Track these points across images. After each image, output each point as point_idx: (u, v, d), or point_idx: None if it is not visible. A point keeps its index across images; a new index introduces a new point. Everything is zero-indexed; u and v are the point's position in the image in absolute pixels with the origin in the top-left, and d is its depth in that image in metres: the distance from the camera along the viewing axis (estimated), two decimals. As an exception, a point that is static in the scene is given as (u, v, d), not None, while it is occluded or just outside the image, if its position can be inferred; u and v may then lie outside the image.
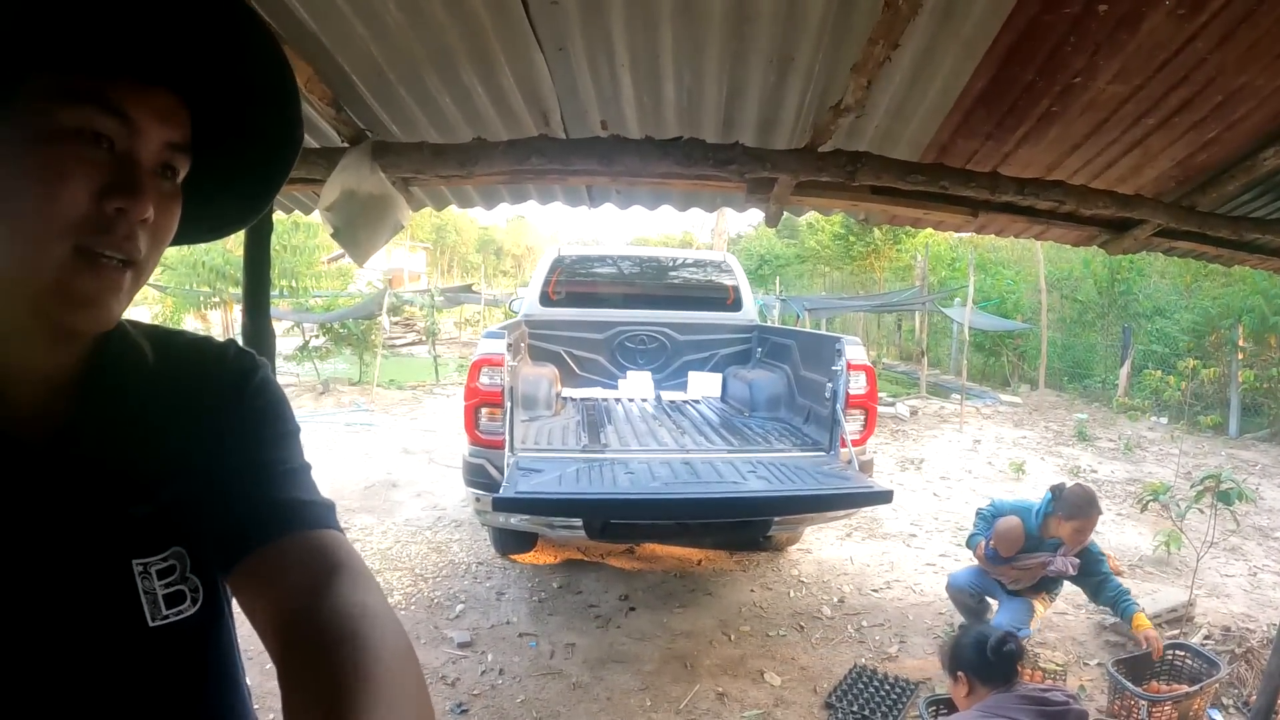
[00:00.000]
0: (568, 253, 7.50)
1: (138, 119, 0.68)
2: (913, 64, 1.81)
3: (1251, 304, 12.41)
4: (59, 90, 0.65)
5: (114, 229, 0.66)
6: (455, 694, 3.71)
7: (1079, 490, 4.01)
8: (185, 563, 0.75)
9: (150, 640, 0.71)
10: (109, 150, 0.67)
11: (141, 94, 0.68)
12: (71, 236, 0.65)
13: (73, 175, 0.65)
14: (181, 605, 0.73)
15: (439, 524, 6.39)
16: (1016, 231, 2.98)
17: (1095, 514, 3.94)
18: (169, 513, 0.75)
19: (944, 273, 20.10)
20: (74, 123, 0.65)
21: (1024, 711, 2.39)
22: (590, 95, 2.09)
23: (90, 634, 0.69)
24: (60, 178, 0.64)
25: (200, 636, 0.75)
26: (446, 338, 23.32)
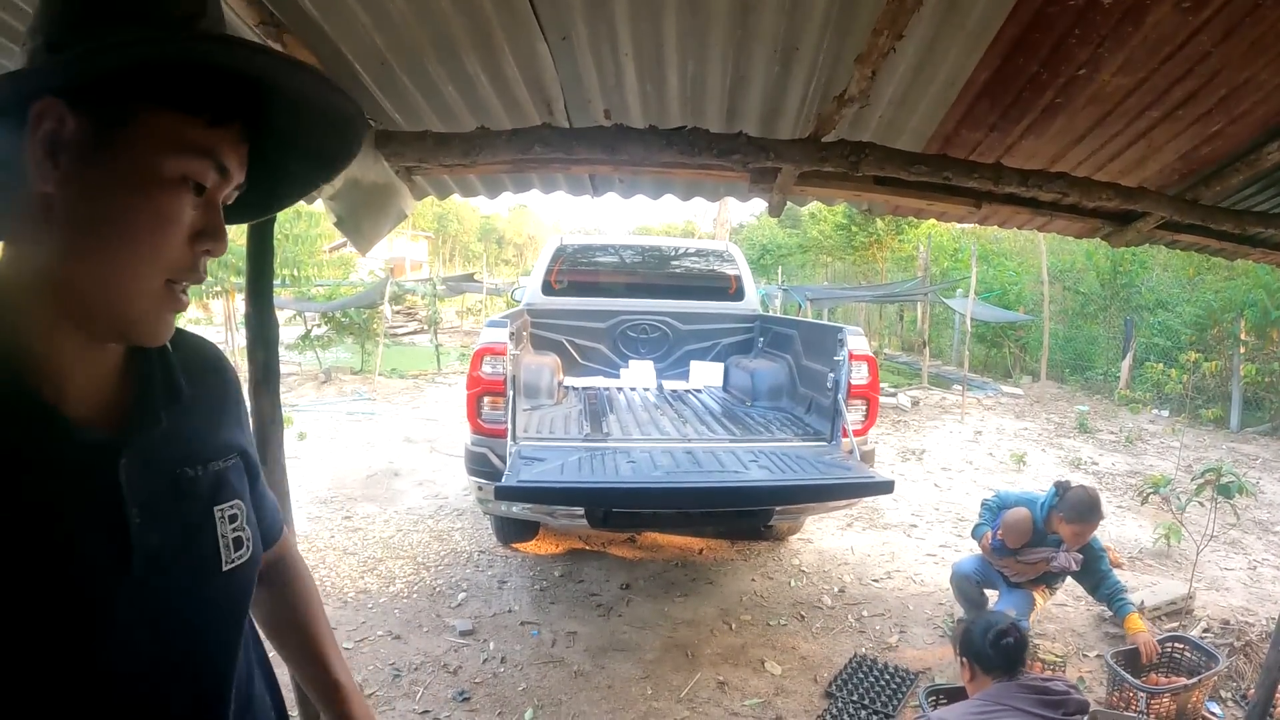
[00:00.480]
0: (570, 242, 7.50)
1: (231, 170, 0.77)
2: (917, 55, 1.80)
3: (1254, 298, 12.39)
4: (175, 139, 0.71)
5: (199, 268, 0.76)
6: (457, 682, 3.73)
7: (1083, 494, 4.00)
8: (243, 513, 0.90)
9: (223, 581, 0.85)
10: (202, 194, 0.75)
11: (237, 149, 0.77)
12: (166, 274, 0.74)
13: (178, 222, 0.73)
14: (242, 551, 0.88)
15: (441, 512, 6.42)
16: (1020, 223, 2.97)
17: (1097, 519, 3.94)
18: (230, 472, 0.91)
19: (946, 263, 20.08)
20: (183, 171, 0.72)
21: (1025, 700, 2.41)
22: (594, 84, 2.08)
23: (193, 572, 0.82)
24: (169, 224, 0.72)
25: (250, 578, 0.91)
26: (448, 326, 23.35)
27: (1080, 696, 2.48)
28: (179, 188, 0.72)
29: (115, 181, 0.70)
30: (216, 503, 0.86)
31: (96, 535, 0.73)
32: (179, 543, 0.81)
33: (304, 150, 0.88)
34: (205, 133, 0.73)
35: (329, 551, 5.43)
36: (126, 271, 0.72)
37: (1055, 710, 2.39)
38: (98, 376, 0.78)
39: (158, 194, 0.71)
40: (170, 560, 0.79)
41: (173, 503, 0.81)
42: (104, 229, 0.70)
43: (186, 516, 0.83)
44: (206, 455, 0.88)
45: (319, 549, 5.46)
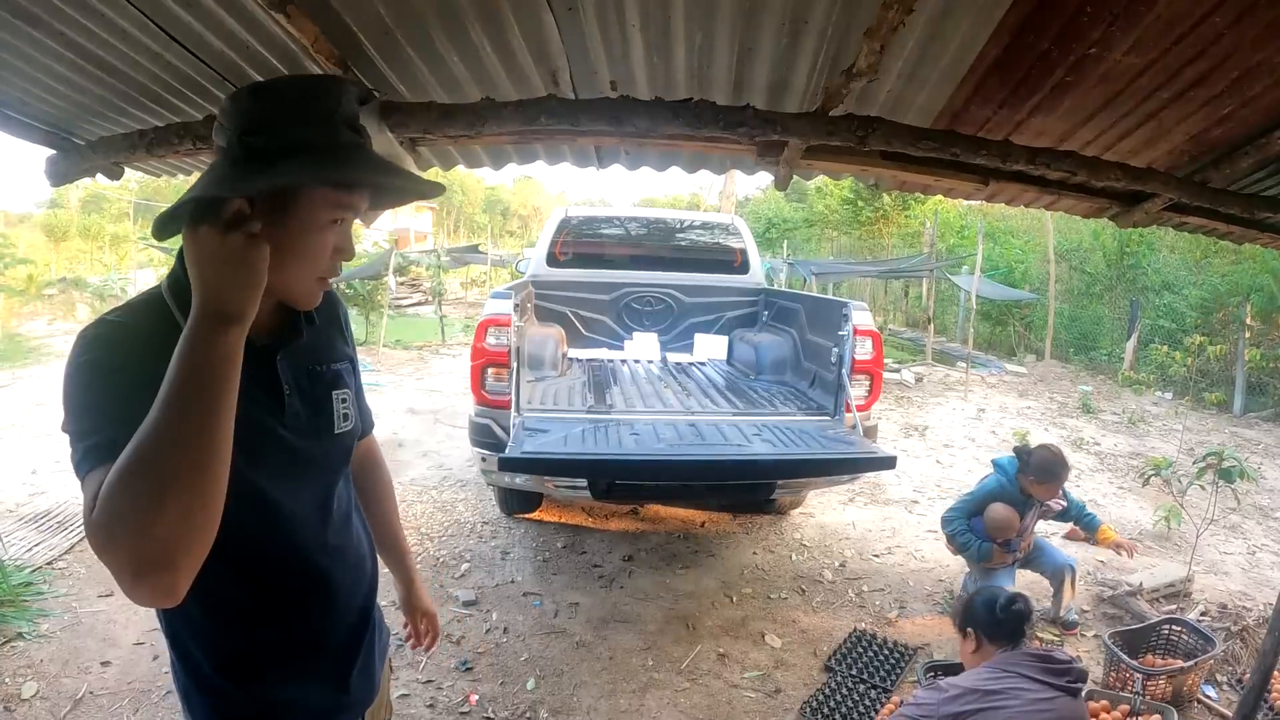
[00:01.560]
0: (575, 213, 7.47)
1: (359, 209, 1.24)
2: (926, 29, 1.79)
3: (1260, 283, 12.35)
4: (330, 202, 1.17)
5: (336, 269, 1.25)
6: (460, 651, 3.78)
7: (1046, 454, 4.14)
8: (350, 399, 1.43)
9: (334, 439, 1.38)
10: (341, 225, 1.21)
11: (363, 196, 1.23)
12: (317, 275, 1.23)
13: (328, 247, 1.21)
14: (348, 423, 1.42)
15: (445, 483, 6.45)
16: (1027, 201, 2.95)
17: (1064, 473, 4.15)
18: (343, 371, 1.44)
19: (952, 240, 20.00)
20: (334, 216, 1.18)
21: (1030, 667, 2.47)
22: (600, 55, 2.07)
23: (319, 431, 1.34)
24: (321, 251, 1.20)
25: (350, 443, 1.45)
26: (452, 298, 23.34)
27: (1081, 667, 2.55)
28: (328, 228, 1.18)
29: (287, 231, 1.14)
30: (335, 389, 1.39)
31: (270, 396, 1.26)
32: (311, 410, 1.33)
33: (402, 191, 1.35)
34: (343, 196, 1.18)
35: (333, 520, 5.46)
36: (298, 277, 1.20)
37: (1060, 678, 2.45)
38: (266, 313, 1.23)
39: (315, 234, 1.17)
40: (306, 420, 1.31)
41: (309, 385, 1.33)
42: (282, 256, 1.12)
43: (316, 394, 1.35)
44: (329, 358, 1.41)
45: (323, 517, 5.49)
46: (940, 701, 2.45)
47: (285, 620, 1.31)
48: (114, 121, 2.47)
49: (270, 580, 1.28)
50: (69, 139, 2.66)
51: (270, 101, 1.13)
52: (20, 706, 3.23)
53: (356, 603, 1.44)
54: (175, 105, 2.31)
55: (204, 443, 0.94)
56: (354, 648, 1.44)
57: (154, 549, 0.90)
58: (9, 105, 2.38)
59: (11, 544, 4.74)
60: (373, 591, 1.52)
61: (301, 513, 1.30)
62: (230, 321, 0.99)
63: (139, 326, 1.12)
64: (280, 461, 1.26)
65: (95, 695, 3.34)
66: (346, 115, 1.19)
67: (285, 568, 1.29)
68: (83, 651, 3.65)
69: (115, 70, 2.07)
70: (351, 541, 1.44)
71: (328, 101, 1.16)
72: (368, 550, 1.51)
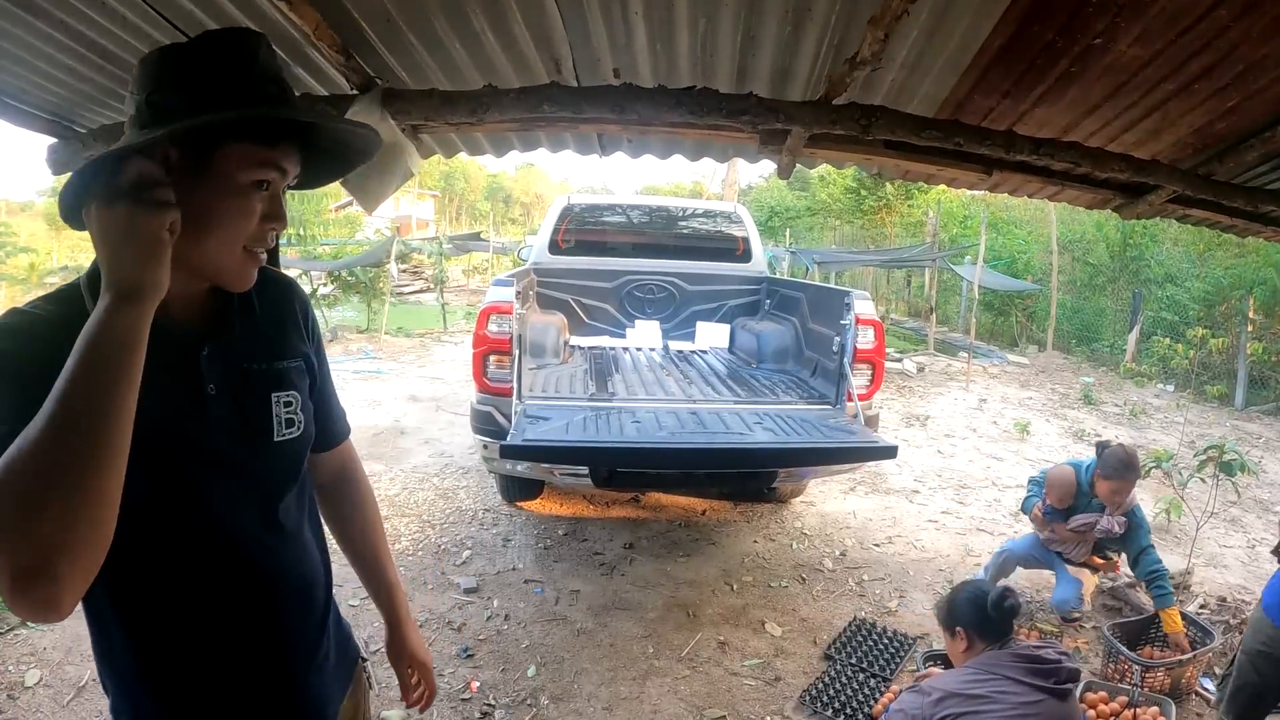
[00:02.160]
0: (577, 201, 7.45)
1: (288, 170, 1.11)
2: (931, 18, 1.78)
3: (1263, 276, 12.31)
4: (250, 159, 1.05)
5: (268, 239, 1.12)
6: (461, 638, 3.79)
7: (1118, 451, 4.06)
8: (297, 402, 1.24)
9: (275, 448, 1.20)
10: (268, 188, 1.08)
11: (290, 155, 1.10)
12: (244, 244, 1.09)
13: (253, 212, 1.07)
14: (293, 429, 1.23)
15: (446, 471, 6.46)
16: (1030, 191, 2.95)
17: (1131, 477, 3.96)
18: (291, 370, 1.25)
19: (955, 230, 19.94)
20: (257, 178, 1.06)
21: (1016, 669, 2.39)
22: (603, 42, 2.06)
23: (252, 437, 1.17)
24: (245, 215, 1.07)
25: (300, 451, 1.26)
26: (455, 285, 23.31)
27: (1071, 665, 2.45)
28: (252, 190, 1.06)
29: (205, 194, 1.03)
30: (275, 390, 1.21)
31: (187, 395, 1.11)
32: (240, 412, 1.16)
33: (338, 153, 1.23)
34: (268, 152, 1.06)
35: (334, 507, 5.47)
36: (219, 248, 1.07)
37: (1047, 679, 2.37)
38: (191, 298, 1.13)
39: (237, 196, 1.05)
40: (233, 422, 1.15)
41: (240, 385, 1.16)
42: (202, 225, 1.03)
43: (248, 395, 1.17)
44: (272, 355, 1.23)
45: (325, 504, 5.50)
46: (924, 706, 2.38)
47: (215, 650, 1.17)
48: (115, 109, 2.47)
49: (199, 603, 1.14)
50: (70, 127, 2.66)
51: (181, 59, 1.04)
52: (24, 694, 3.24)
53: (305, 636, 1.29)
54: (177, 92, 2.30)
55: (91, 435, 0.85)
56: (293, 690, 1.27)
57: (33, 555, 0.81)
58: (10, 94, 2.37)
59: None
60: (323, 625, 1.33)
61: (236, 529, 1.16)
62: (128, 299, 0.90)
63: (50, 317, 1.02)
64: (203, 470, 1.12)
65: (98, 682, 3.35)
66: (266, 68, 1.09)
67: (214, 588, 1.15)
68: (85, 639, 3.63)
69: (116, 58, 2.06)
70: (300, 564, 1.27)
71: (243, 52, 1.07)
72: (322, 577, 1.34)
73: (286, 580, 1.24)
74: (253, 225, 1.08)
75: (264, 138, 1.05)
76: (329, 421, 1.42)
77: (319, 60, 2.11)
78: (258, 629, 1.20)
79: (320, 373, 1.37)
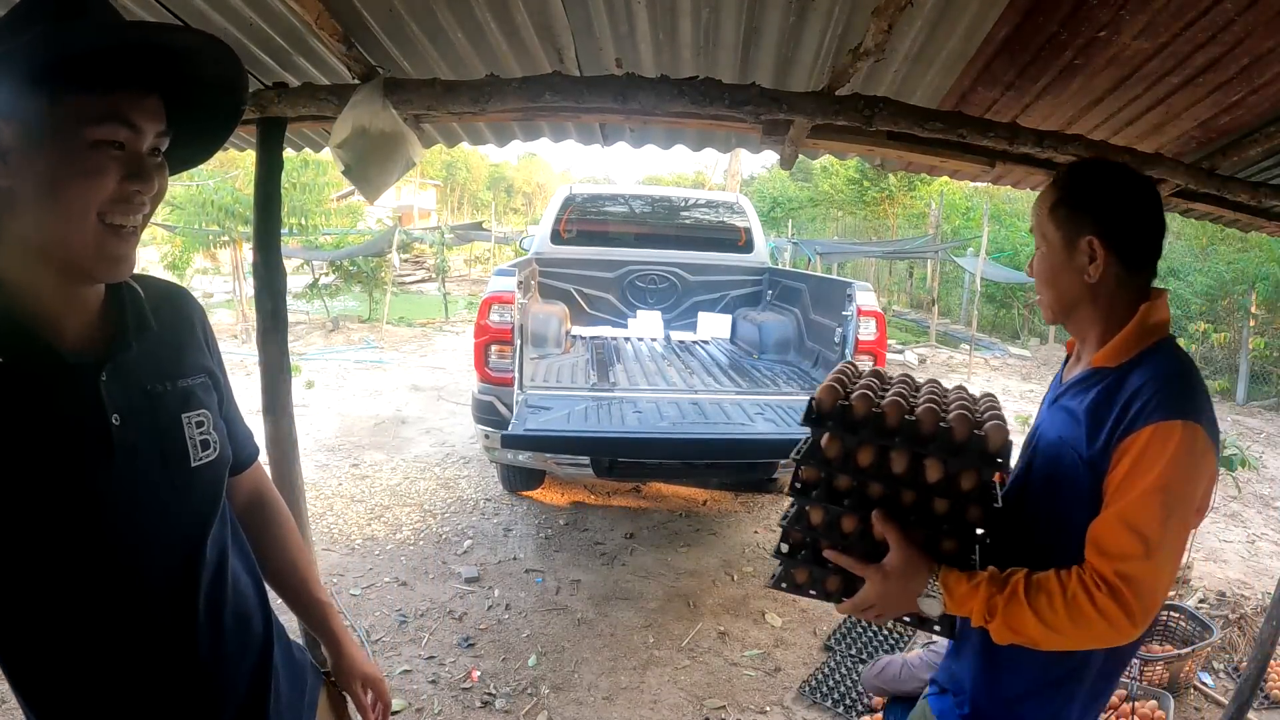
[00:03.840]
0: (579, 191, 7.45)
1: (141, 125, 0.95)
2: (935, 9, 1.77)
3: (1266, 271, 12.26)
4: (90, 113, 0.90)
5: (131, 203, 0.96)
6: (462, 628, 3.80)
7: None
8: (209, 421, 1.12)
9: (193, 473, 1.08)
10: (122, 149, 0.94)
11: (140, 105, 0.95)
12: (97, 211, 0.93)
13: (103, 175, 0.92)
14: (209, 451, 1.11)
15: (448, 460, 6.47)
16: (1034, 184, 2.94)
17: None
18: (198, 388, 1.13)
19: (958, 221, 19.89)
20: (103, 136, 0.91)
21: None
22: (605, 32, 2.05)
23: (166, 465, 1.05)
24: (94, 177, 0.91)
25: (219, 475, 1.14)
26: (456, 275, 23.30)
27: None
28: (99, 149, 0.92)
29: (49, 160, 0.90)
30: (184, 411, 1.09)
31: (87, 432, 0.97)
32: (151, 440, 1.03)
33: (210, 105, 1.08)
34: (102, 102, 0.91)
35: (336, 499, 5.49)
36: (69, 226, 0.92)
37: None
38: (83, 317, 1.02)
39: (81, 158, 0.91)
40: (145, 453, 1.02)
41: (146, 409, 1.04)
42: (47, 195, 0.91)
43: (157, 420, 1.05)
44: (175, 373, 1.10)
45: (327, 496, 5.52)
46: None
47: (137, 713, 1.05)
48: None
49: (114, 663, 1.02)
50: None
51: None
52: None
53: (242, 679, 1.16)
54: (178, 81, 2.30)
55: None
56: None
57: None
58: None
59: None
60: (267, 651, 1.21)
61: (158, 574, 1.04)
62: None
63: None
64: (116, 513, 0.99)
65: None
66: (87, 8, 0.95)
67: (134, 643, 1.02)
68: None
69: (117, 45, 2.06)
70: (233, 599, 1.14)
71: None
72: (255, 603, 1.21)
73: (219, 621, 1.11)
74: (106, 188, 0.92)
75: (94, 83, 0.91)
76: (237, 442, 1.27)
77: (321, 50, 2.10)
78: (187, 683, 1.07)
79: (226, 389, 1.24)
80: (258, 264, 2.48)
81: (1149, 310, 1.36)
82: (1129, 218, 1.37)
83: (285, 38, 2.01)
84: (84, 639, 0.99)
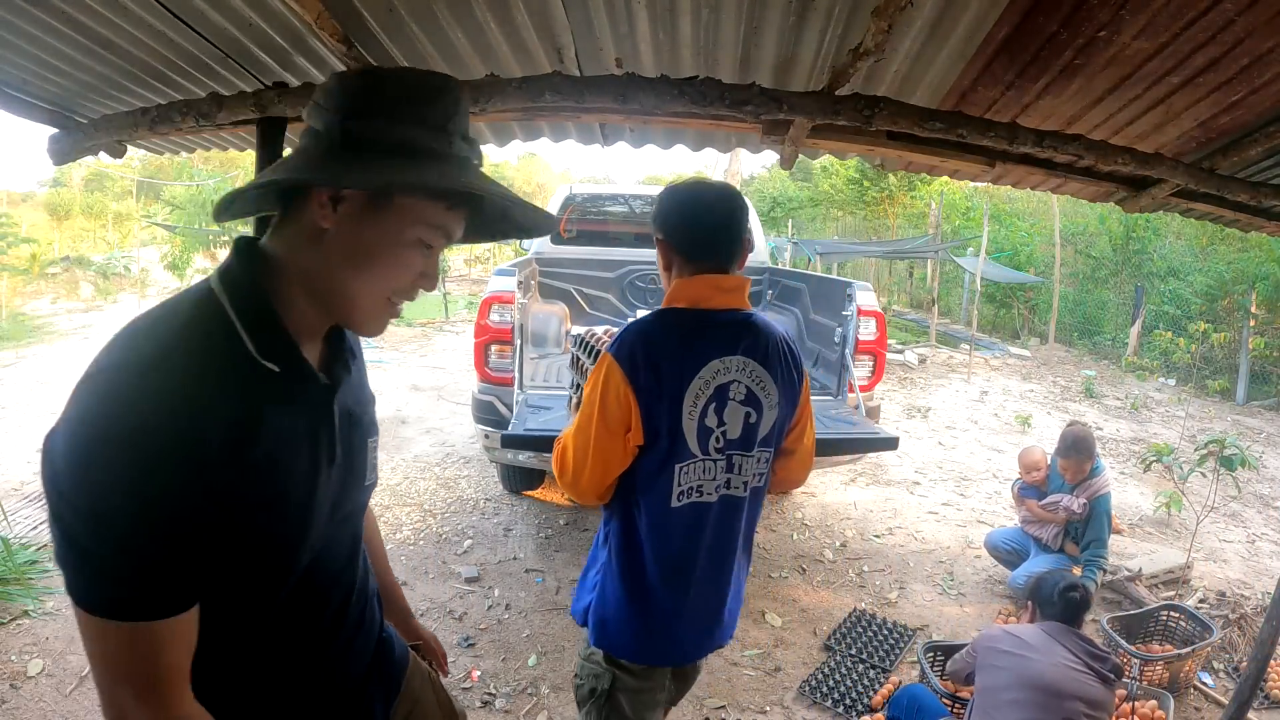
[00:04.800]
0: (579, 191, 7.45)
1: (454, 237, 1.11)
2: (935, 9, 1.77)
3: (1266, 271, 12.29)
4: (428, 218, 1.04)
5: (414, 295, 1.11)
6: (462, 628, 3.80)
7: (1067, 430, 4.33)
8: (376, 448, 1.28)
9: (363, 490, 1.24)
10: (430, 249, 1.08)
11: (459, 223, 1.10)
12: (390, 295, 1.08)
13: (412, 268, 1.07)
14: (373, 475, 1.27)
15: (448, 460, 6.47)
16: (1033, 183, 2.94)
17: (1075, 455, 4.27)
18: (374, 417, 1.29)
19: (958, 221, 19.92)
20: (426, 238, 1.05)
21: (1076, 645, 2.66)
22: (605, 32, 2.05)
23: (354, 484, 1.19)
24: (404, 269, 1.06)
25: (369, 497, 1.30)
26: (456, 275, 23.30)
27: (1118, 662, 2.72)
28: (416, 247, 1.05)
29: (374, 235, 1.02)
30: (369, 436, 1.24)
31: (325, 440, 1.08)
32: (348, 457, 1.15)
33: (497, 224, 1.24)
34: (442, 214, 1.05)
35: (336, 496, 5.48)
36: (367, 291, 1.05)
37: (1095, 662, 2.63)
38: (319, 342, 1.13)
39: (402, 250, 1.04)
40: (346, 467, 1.14)
41: (350, 429, 1.16)
42: (359, 261, 1.03)
43: (353, 441, 1.17)
44: (364, 400, 1.25)
45: (326, 493, 5.51)
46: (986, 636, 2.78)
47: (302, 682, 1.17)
48: (116, 99, 2.46)
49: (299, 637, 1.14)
50: (71, 117, 2.66)
51: (382, 90, 1.03)
52: (27, 684, 3.26)
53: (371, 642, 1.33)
54: (177, 83, 2.30)
55: None
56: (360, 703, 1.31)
57: None
58: (11, 84, 2.37)
59: (17, 522, 4.77)
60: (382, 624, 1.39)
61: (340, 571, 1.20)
62: None
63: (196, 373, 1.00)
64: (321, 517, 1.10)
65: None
66: (462, 125, 1.07)
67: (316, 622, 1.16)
68: (88, 626, 3.67)
69: (117, 48, 2.06)
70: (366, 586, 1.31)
71: (444, 103, 1.05)
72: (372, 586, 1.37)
73: (361, 604, 1.28)
74: (407, 278, 1.07)
75: (445, 200, 1.05)
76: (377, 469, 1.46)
77: (321, 50, 2.10)
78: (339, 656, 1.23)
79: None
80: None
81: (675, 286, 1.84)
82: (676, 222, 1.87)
83: (285, 38, 2.01)
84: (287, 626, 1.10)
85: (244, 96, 2.30)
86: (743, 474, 1.90)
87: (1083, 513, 4.21)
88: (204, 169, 16.59)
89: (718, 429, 1.82)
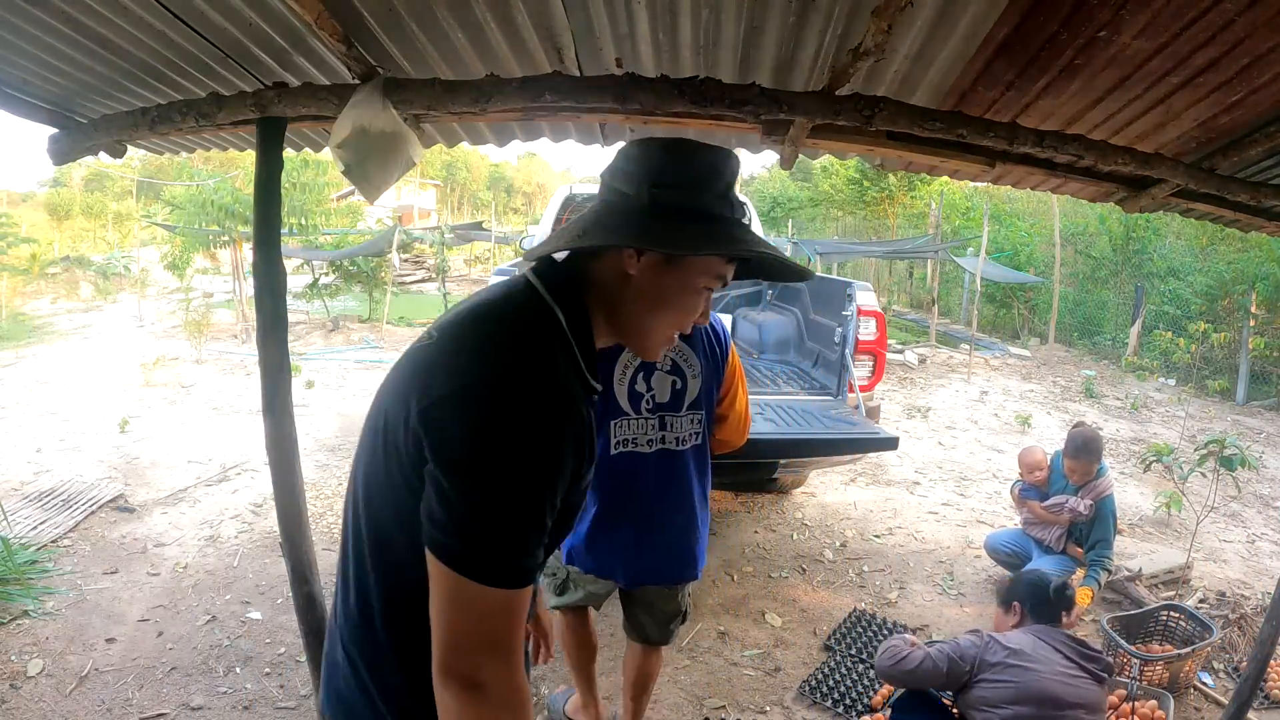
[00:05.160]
0: (579, 191, 7.45)
1: (728, 281, 1.28)
2: (935, 9, 1.77)
3: (1266, 271, 12.27)
4: (714, 271, 1.23)
5: (687, 329, 1.30)
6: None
7: (1075, 431, 4.28)
8: None
9: None
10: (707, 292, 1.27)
11: (732, 268, 1.26)
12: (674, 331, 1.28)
13: (697, 309, 1.28)
14: None
15: (447, 460, 6.45)
16: (1033, 183, 2.93)
17: (1085, 457, 4.20)
18: None
19: (958, 221, 19.91)
20: (709, 286, 1.25)
21: (1067, 647, 2.65)
22: (605, 31, 2.05)
23: None
24: (690, 312, 1.27)
25: None
26: (456, 275, 23.29)
27: (1109, 660, 2.72)
28: (702, 292, 1.25)
29: (670, 284, 1.21)
30: None
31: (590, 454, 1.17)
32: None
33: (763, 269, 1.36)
34: (723, 265, 1.23)
35: (337, 499, 5.49)
36: (662, 328, 1.26)
37: (1088, 663, 2.63)
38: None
39: (691, 296, 1.24)
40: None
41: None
42: (655, 305, 1.23)
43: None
44: None
45: (327, 496, 5.52)
46: (982, 647, 2.65)
47: None
48: (116, 99, 2.46)
49: None
50: (71, 117, 2.66)
51: (683, 162, 1.20)
52: (26, 684, 3.26)
53: None
54: (178, 83, 2.30)
55: None
56: None
57: None
58: (11, 84, 2.37)
59: (17, 522, 4.76)
60: None
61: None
62: None
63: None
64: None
65: (100, 672, 3.37)
66: (734, 192, 1.26)
67: None
68: (88, 629, 3.68)
69: (117, 48, 2.06)
70: None
71: (727, 174, 1.23)
72: None
73: None
74: (690, 318, 1.28)
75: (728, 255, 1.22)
76: None
77: (321, 50, 2.10)
78: None
79: None
80: (258, 264, 2.48)
81: None
82: None
83: (285, 38, 2.01)
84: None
85: (244, 96, 2.30)
86: (675, 431, 2.41)
87: (1089, 514, 4.19)
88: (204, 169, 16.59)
89: (647, 393, 2.34)
